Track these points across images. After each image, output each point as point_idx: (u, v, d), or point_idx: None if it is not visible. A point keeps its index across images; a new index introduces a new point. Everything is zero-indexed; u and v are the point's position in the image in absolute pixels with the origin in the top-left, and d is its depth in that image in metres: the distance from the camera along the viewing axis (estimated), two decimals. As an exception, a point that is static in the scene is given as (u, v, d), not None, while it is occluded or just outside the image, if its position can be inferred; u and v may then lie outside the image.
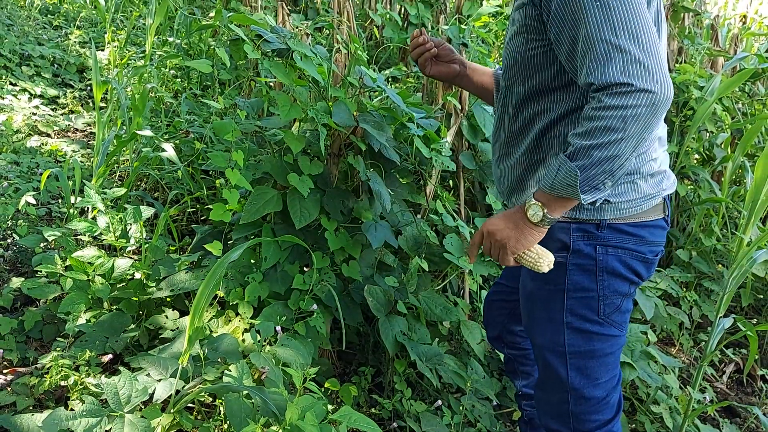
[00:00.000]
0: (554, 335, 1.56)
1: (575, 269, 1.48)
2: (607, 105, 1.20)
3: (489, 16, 3.77)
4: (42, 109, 4.00)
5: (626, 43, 1.19)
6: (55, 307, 2.25)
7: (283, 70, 1.98)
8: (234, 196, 2.02)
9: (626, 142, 1.22)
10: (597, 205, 1.42)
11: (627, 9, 1.21)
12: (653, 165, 1.45)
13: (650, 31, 1.21)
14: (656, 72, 1.18)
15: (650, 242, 1.48)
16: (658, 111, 1.20)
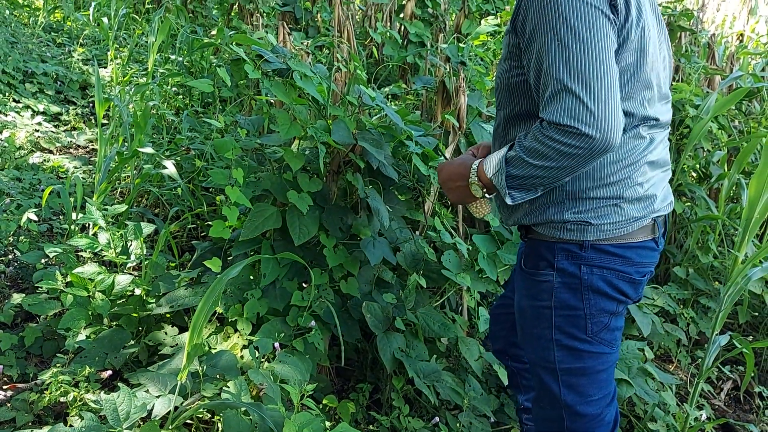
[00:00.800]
0: (544, 352, 1.57)
1: (561, 287, 1.49)
2: (549, 135, 1.25)
3: (487, 35, 3.82)
4: (44, 125, 4.04)
5: (577, 87, 1.22)
6: (55, 323, 2.26)
7: (283, 89, 2.01)
8: (233, 213, 2.04)
9: (557, 171, 1.29)
10: (579, 227, 1.44)
11: (585, 53, 1.23)
12: (638, 189, 1.44)
13: (606, 77, 1.23)
14: (601, 119, 1.21)
15: (637, 263, 1.48)
16: (594, 155, 1.25)
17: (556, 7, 1.26)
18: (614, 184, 1.42)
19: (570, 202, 1.45)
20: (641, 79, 1.39)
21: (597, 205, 1.43)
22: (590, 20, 1.24)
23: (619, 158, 1.42)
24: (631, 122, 1.42)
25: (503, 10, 5.61)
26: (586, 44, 1.23)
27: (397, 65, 5.22)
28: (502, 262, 2.43)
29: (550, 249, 1.50)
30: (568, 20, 1.25)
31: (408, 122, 2.56)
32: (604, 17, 1.26)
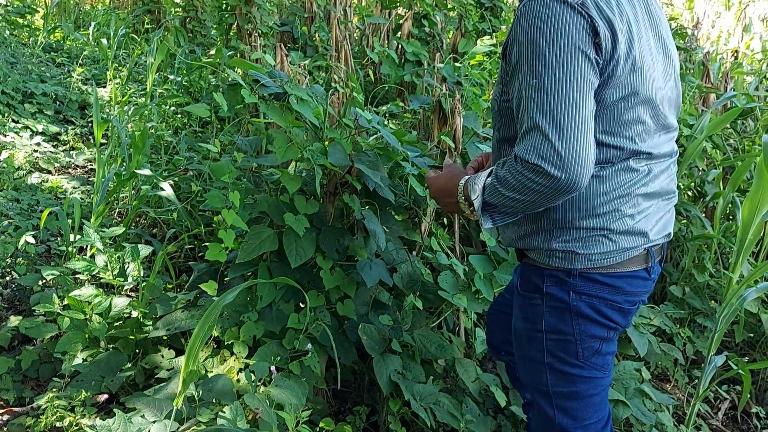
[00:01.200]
0: (538, 375, 1.58)
1: (551, 312, 1.50)
2: (518, 170, 1.29)
3: (483, 55, 3.86)
4: (43, 146, 4.06)
5: (548, 127, 1.24)
6: (52, 346, 2.26)
7: (279, 113, 2.03)
8: (230, 236, 2.05)
9: (526, 203, 1.33)
10: (567, 255, 1.44)
11: (559, 93, 1.24)
12: (628, 221, 1.43)
13: (578, 119, 1.23)
14: (568, 161, 1.22)
15: (627, 292, 1.48)
16: (560, 194, 1.27)
17: (536, 45, 1.27)
18: (602, 215, 1.42)
19: (558, 231, 1.45)
20: (631, 115, 1.38)
21: (584, 235, 1.43)
22: (568, 60, 1.25)
23: (607, 191, 1.41)
24: (620, 155, 1.41)
25: (499, 29, 5.67)
26: (561, 85, 1.24)
27: (394, 83, 5.26)
28: (499, 282, 2.44)
29: (539, 274, 1.51)
30: (547, 59, 1.25)
31: (404, 143, 2.58)
32: (584, 57, 1.26)
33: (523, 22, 1.30)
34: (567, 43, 1.25)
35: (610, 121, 1.37)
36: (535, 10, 1.28)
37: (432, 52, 5.47)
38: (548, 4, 1.27)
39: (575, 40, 1.25)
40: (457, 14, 5.91)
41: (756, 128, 3.65)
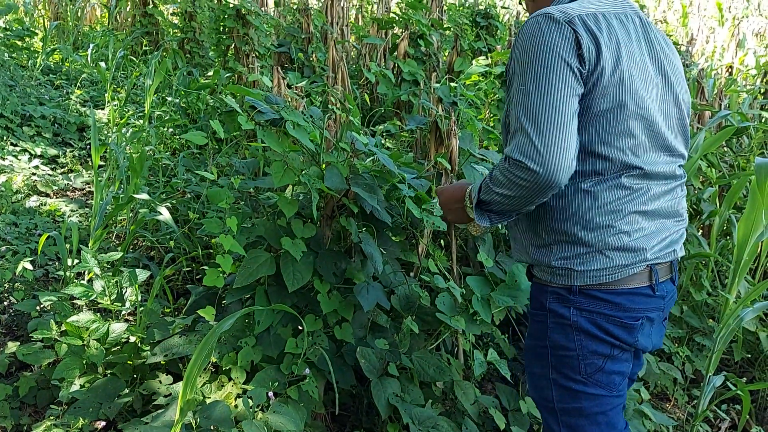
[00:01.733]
0: (544, 391, 1.63)
1: (554, 327, 1.57)
2: (506, 167, 1.44)
3: (478, 75, 3.88)
4: (42, 168, 4.07)
5: (530, 128, 1.38)
6: (49, 372, 2.26)
7: (276, 139, 2.04)
8: (227, 262, 2.06)
9: (514, 199, 1.47)
10: (566, 272, 1.51)
11: (540, 98, 1.38)
12: (623, 238, 1.48)
13: (556, 121, 1.36)
14: (547, 158, 1.36)
15: (628, 308, 1.51)
16: (541, 189, 1.40)
17: (525, 56, 1.42)
18: (597, 229, 1.48)
19: (557, 246, 1.53)
20: (622, 127, 1.45)
21: (581, 252, 1.50)
22: (551, 68, 1.38)
23: (601, 205, 1.48)
24: (611, 168, 1.48)
25: (495, 48, 5.71)
26: (543, 89, 1.37)
27: (391, 103, 5.29)
28: (496, 303, 2.44)
29: (543, 292, 1.59)
30: (532, 67, 1.40)
31: (401, 164, 2.60)
32: (565, 65, 1.38)
33: (518, 40, 1.46)
34: (550, 53, 1.38)
35: (601, 130, 1.46)
36: (527, 27, 1.44)
37: (428, 72, 5.51)
38: (539, 22, 1.42)
39: (559, 50, 1.38)
40: (453, 33, 5.96)
41: (750, 146, 3.68)
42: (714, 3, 13.43)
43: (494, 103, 3.73)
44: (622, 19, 1.49)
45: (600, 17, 1.44)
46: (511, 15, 9.48)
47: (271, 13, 7.57)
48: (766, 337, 2.92)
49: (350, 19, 8.16)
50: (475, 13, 6.72)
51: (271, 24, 6.11)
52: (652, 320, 1.59)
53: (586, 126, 1.45)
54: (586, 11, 1.44)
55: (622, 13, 1.50)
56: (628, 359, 1.60)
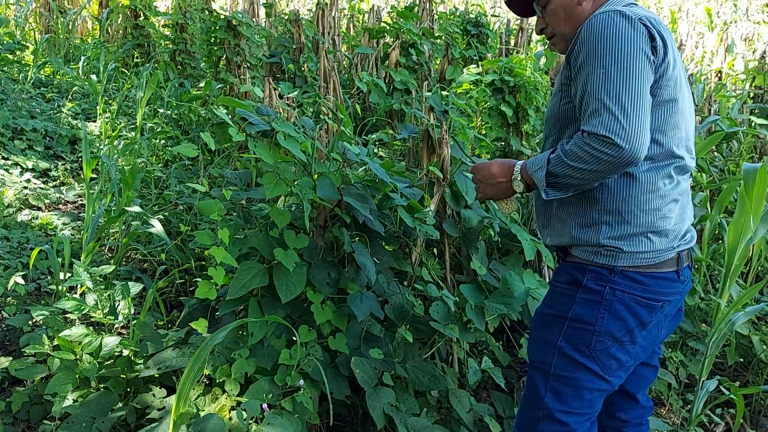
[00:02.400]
0: (544, 355, 1.74)
1: (582, 303, 1.68)
2: (587, 143, 1.49)
3: (469, 83, 3.90)
4: (33, 182, 4.06)
5: (614, 107, 1.47)
6: (42, 387, 2.24)
7: (267, 151, 2.05)
8: (220, 274, 2.05)
9: (588, 173, 1.53)
10: (612, 252, 1.63)
11: (622, 80, 1.48)
12: (666, 223, 1.64)
13: (638, 102, 1.48)
14: (631, 134, 1.45)
15: (656, 291, 1.65)
16: (622, 163, 1.48)
17: (604, 44, 1.53)
18: (649, 212, 1.62)
19: (607, 226, 1.64)
20: (672, 118, 1.62)
21: (631, 232, 1.62)
22: (632, 56, 1.50)
23: (652, 189, 1.62)
24: (662, 155, 1.62)
25: (486, 56, 5.74)
26: (625, 74, 1.49)
27: (383, 112, 5.30)
28: (490, 311, 2.45)
29: (582, 269, 1.69)
30: (614, 54, 1.51)
31: (393, 173, 2.60)
32: (643, 55, 1.51)
33: (591, 32, 1.56)
34: (630, 43, 1.51)
35: (660, 118, 1.59)
36: (601, 21, 1.56)
37: (420, 81, 5.53)
38: (612, 17, 1.54)
39: (637, 41, 1.51)
40: (444, 42, 5.99)
41: (740, 151, 3.70)
42: (703, 8, 13.54)
43: (485, 112, 3.75)
44: (663, 24, 1.64)
45: (659, 21, 1.60)
46: (501, 23, 9.52)
47: (262, 24, 7.59)
48: (758, 340, 2.93)
49: (342, 29, 8.19)
50: (466, 22, 6.76)
51: (262, 35, 6.13)
52: (673, 302, 1.72)
53: (652, 112, 1.57)
54: (648, 15, 1.58)
55: (659, 20, 1.65)
56: (632, 352, 1.70)
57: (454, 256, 3.05)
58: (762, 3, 15.44)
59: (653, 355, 1.89)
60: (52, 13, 7.89)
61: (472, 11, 7.68)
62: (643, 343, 1.72)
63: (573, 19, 1.75)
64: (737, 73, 7.70)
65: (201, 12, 6.23)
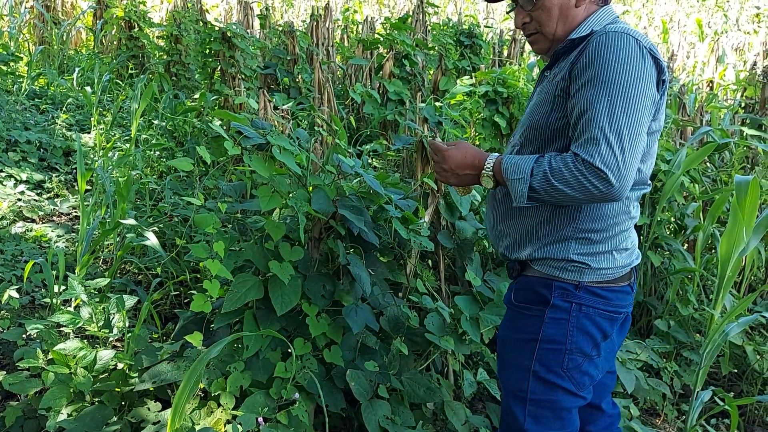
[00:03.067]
0: (519, 382, 1.71)
1: (551, 322, 1.65)
2: (579, 168, 1.44)
3: (463, 94, 3.92)
4: (27, 194, 4.05)
5: (614, 141, 1.42)
6: (36, 401, 2.23)
7: (262, 164, 2.05)
8: (215, 287, 2.05)
9: (569, 198, 1.49)
10: (579, 268, 1.62)
11: (627, 114, 1.44)
12: (627, 242, 1.68)
13: (636, 140, 1.44)
14: (624, 173, 1.42)
15: (616, 304, 1.67)
16: (606, 198, 1.46)
17: (617, 71, 1.47)
18: (618, 232, 1.64)
19: (577, 243, 1.63)
20: (654, 145, 1.64)
21: (599, 250, 1.63)
22: (640, 92, 1.46)
23: (625, 209, 1.64)
24: (639, 180, 1.65)
25: (478, 68, 5.77)
26: (631, 110, 1.45)
27: (377, 123, 5.32)
28: (485, 323, 2.45)
29: (547, 287, 1.66)
30: (624, 85, 1.45)
31: (388, 185, 2.61)
32: (651, 94, 1.49)
33: (603, 51, 1.49)
34: (641, 77, 1.47)
35: (645, 148, 1.58)
36: (615, 43, 1.49)
37: (414, 91, 5.55)
38: (628, 43, 1.48)
39: (647, 77, 1.48)
40: (438, 53, 6.02)
41: (732, 161, 3.73)
42: (694, 19, 13.66)
43: (479, 122, 3.77)
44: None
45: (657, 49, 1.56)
46: (494, 34, 9.58)
47: (257, 36, 7.62)
48: (752, 350, 2.94)
49: (336, 40, 8.22)
50: (459, 33, 6.80)
51: (257, 46, 6.15)
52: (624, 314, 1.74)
53: None
54: (651, 45, 1.54)
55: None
56: (599, 365, 1.71)
57: (448, 268, 3.05)
58: (752, 13, 15.60)
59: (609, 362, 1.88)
60: (47, 25, 7.89)
61: (466, 22, 7.73)
62: (605, 354, 1.73)
63: (567, 21, 1.66)
64: (728, 84, 7.76)
65: (195, 23, 6.25)
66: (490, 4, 13.76)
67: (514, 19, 1.77)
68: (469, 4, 15.13)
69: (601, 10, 1.67)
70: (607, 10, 1.68)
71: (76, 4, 9.19)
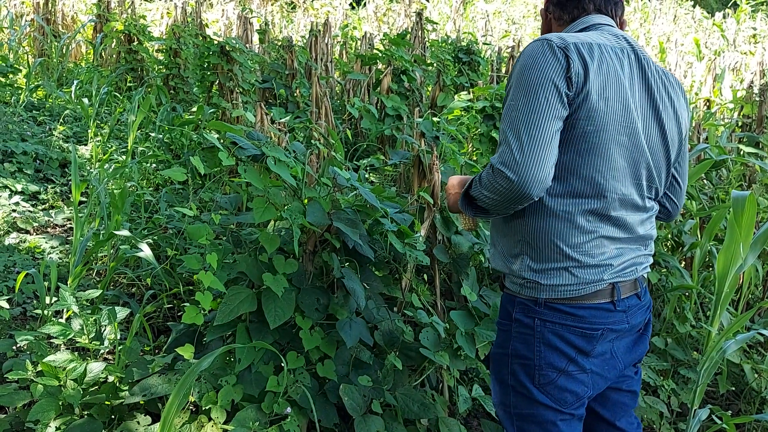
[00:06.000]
0: (504, 397, 1.72)
1: (517, 337, 1.65)
2: (489, 172, 1.54)
3: (460, 109, 3.93)
4: (22, 205, 4.03)
5: (512, 140, 1.48)
6: (24, 414, 2.20)
7: (257, 176, 2.04)
8: (207, 299, 2.03)
9: (494, 202, 1.56)
10: (533, 285, 1.61)
11: (524, 113, 1.48)
12: (590, 259, 1.58)
13: (536, 134, 1.46)
14: (522, 168, 1.45)
15: (590, 321, 1.60)
16: (514, 196, 1.49)
17: (520, 75, 1.53)
18: (567, 247, 1.57)
19: (528, 258, 1.62)
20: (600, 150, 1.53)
21: (549, 266, 1.59)
22: (540, 89, 1.48)
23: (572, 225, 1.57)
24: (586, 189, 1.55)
25: (476, 84, 5.79)
26: (530, 108, 1.48)
27: (374, 138, 5.32)
28: (480, 338, 2.43)
29: (511, 302, 1.68)
30: (525, 86, 1.50)
31: (384, 199, 2.60)
32: (554, 88, 1.48)
33: (517, 60, 1.58)
34: (542, 74, 1.49)
35: (582, 151, 1.53)
36: (526, 49, 1.56)
37: (412, 107, 5.57)
38: (537, 46, 1.54)
39: (549, 73, 1.49)
40: (436, 69, 6.05)
41: (729, 178, 3.73)
42: (691, 39, 13.76)
43: (476, 138, 3.77)
44: (617, 53, 1.58)
45: (595, 46, 1.54)
46: (492, 51, 9.64)
47: (255, 50, 7.65)
48: (750, 369, 2.92)
49: (334, 56, 8.26)
50: (458, 49, 6.83)
51: (255, 60, 6.17)
52: (618, 331, 1.65)
53: (569, 145, 1.54)
54: (583, 41, 1.54)
55: (618, 48, 1.60)
56: (586, 381, 1.64)
57: (444, 282, 3.03)
58: (749, 34, 15.73)
59: (625, 379, 1.80)
60: (47, 37, 7.92)
61: (464, 39, 7.77)
62: (599, 370, 1.65)
63: (543, 30, 1.79)
64: (725, 102, 7.80)
65: (195, 37, 6.27)
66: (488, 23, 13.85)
67: None
68: (468, 22, 15.24)
69: (569, 27, 1.74)
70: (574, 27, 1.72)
71: (77, 18, 9.24)
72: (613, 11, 1.75)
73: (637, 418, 1.92)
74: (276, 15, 13.62)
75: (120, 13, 8.64)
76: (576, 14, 1.75)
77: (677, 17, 18.20)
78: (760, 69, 7.72)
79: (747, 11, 17.60)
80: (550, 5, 1.81)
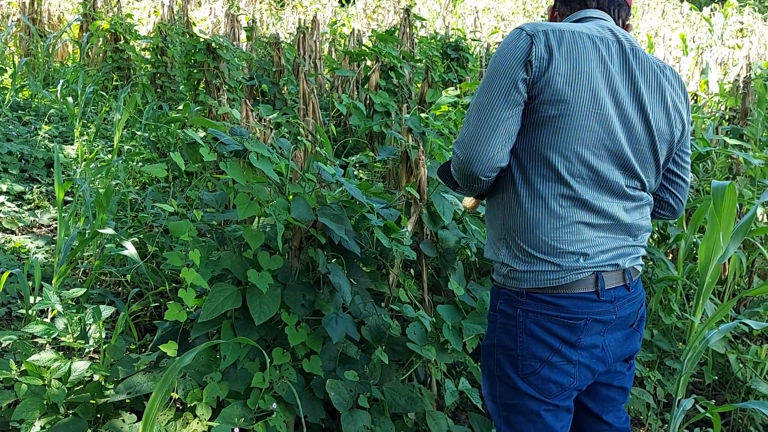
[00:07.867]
0: (491, 387, 1.74)
1: (502, 327, 1.67)
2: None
3: (448, 105, 3.93)
4: (7, 205, 4.00)
5: (466, 120, 1.60)
6: (8, 413, 2.18)
7: (239, 171, 2.03)
8: (190, 295, 2.03)
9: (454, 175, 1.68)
10: (514, 275, 1.62)
11: (480, 98, 1.57)
12: (569, 246, 1.57)
13: (483, 115, 1.54)
14: (467, 148, 1.56)
15: (572, 311, 1.58)
16: (463, 173, 1.60)
17: (490, 61, 1.61)
18: (542, 234, 1.57)
19: (506, 247, 1.65)
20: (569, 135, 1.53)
21: (528, 253, 1.59)
22: (498, 74, 1.54)
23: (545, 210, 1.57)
24: (556, 174, 1.55)
25: (465, 80, 5.80)
26: (485, 91, 1.56)
27: (362, 134, 5.32)
28: (468, 332, 2.43)
29: (495, 293, 1.71)
30: (487, 71, 1.59)
31: (370, 194, 2.60)
32: (511, 72, 1.52)
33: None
34: (502, 59, 1.54)
35: (548, 135, 1.54)
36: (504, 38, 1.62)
37: (400, 103, 5.56)
38: (510, 33, 1.58)
39: (510, 58, 1.53)
40: (424, 65, 6.05)
41: (713, 171, 3.75)
42: (678, 34, 13.83)
43: (463, 133, 3.77)
44: (595, 41, 1.56)
45: (567, 33, 1.54)
46: (481, 47, 9.65)
47: (242, 47, 7.62)
48: (735, 359, 2.94)
49: (323, 53, 8.24)
50: (446, 46, 6.83)
51: (242, 58, 6.15)
52: (604, 322, 1.62)
53: (534, 128, 1.56)
54: (555, 27, 1.55)
55: (599, 37, 1.58)
56: (572, 372, 1.63)
57: (431, 277, 3.04)
58: (736, 29, 15.82)
59: (616, 375, 1.78)
60: (33, 37, 7.86)
61: (453, 35, 7.78)
62: (587, 362, 1.64)
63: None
64: (712, 95, 7.84)
65: (182, 36, 6.25)
66: (478, 20, 13.85)
67: None
68: (457, 18, 15.25)
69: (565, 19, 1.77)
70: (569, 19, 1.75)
71: (63, 17, 9.17)
72: (616, 12, 1.74)
73: (626, 413, 1.92)
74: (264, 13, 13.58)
75: (106, 11, 8.58)
76: (577, 9, 1.77)
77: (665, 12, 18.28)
78: (746, 63, 7.77)
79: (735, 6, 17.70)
80: (557, 2, 1.83)
